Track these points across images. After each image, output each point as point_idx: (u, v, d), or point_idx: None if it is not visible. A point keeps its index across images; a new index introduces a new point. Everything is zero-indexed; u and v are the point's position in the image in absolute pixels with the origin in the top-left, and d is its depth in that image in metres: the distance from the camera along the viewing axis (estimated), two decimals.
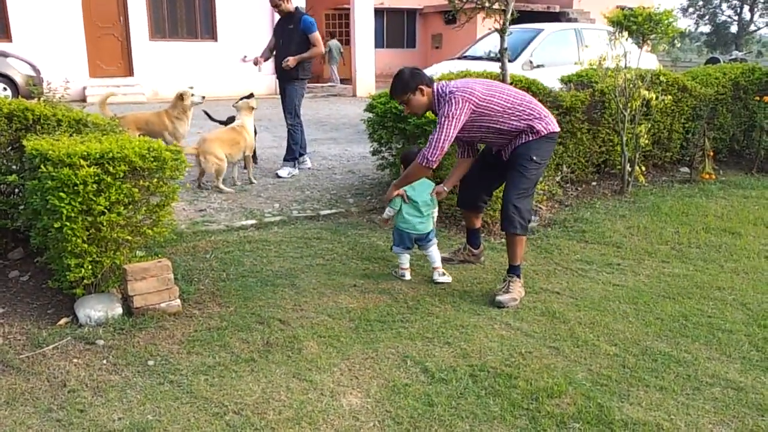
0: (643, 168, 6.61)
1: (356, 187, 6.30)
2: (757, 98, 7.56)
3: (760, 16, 40.62)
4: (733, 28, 41.02)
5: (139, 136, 4.29)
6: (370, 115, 6.01)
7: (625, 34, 6.70)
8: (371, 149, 6.10)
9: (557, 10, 22.68)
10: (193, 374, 2.89)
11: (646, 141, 6.47)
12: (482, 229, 4.79)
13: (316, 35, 6.65)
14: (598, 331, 3.42)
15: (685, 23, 42.67)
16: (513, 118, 3.77)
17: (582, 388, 2.86)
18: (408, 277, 4.07)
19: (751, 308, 3.77)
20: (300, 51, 6.55)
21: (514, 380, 2.91)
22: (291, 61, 6.49)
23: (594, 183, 6.58)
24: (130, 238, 3.54)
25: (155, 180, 3.56)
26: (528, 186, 3.84)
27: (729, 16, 41.92)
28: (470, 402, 2.74)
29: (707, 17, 42.79)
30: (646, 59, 12.68)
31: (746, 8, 40.08)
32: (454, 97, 3.67)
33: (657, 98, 6.36)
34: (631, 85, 6.19)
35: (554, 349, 3.23)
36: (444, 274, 4.08)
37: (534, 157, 3.79)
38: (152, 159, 3.50)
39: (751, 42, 39.86)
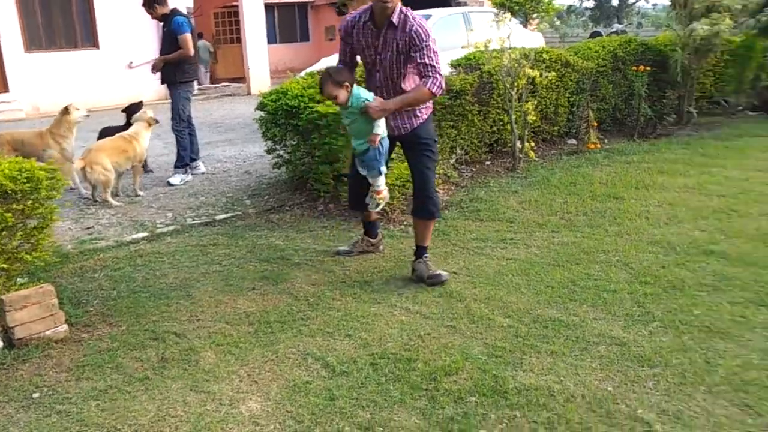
0: (533, 143, 6.86)
1: (253, 188, 6.20)
2: (634, 68, 7.99)
3: None
4: (615, 2, 43.07)
5: (15, 156, 4.04)
6: (262, 113, 5.94)
7: (508, 14, 6.93)
8: (266, 148, 6.03)
9: None
10: (83, 401, 2.76)
11: (534, 117, 6.71)
12: (381, 218, 4.84)
13: (185, 36, 6.44)
14: (492, 306, 3.53)
15: (569, 0, 44.35)
16: None
17: (478, 362, 2.95)
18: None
19: (634, 267, 3.99)
20: (172, 53, 6.42)
21: (414, 363, 2.96)
22: (156, 61, 6.44)
23: (488, 162, 6.77)
24: (6, 266, 3.36)
25: (30, 202, 3.40)
26: (434, 168, 3.93)
27: None
28: (371, 390, 2.76)
29: None
30: (532, 38, 13.13)
31: None
32: (425, 28, 3.63)
33: (541, 75, 6.60)
34: (516, 65, 6.38)
35: (451, 327, 3.31)
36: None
37: (435, 139, 3.92)
38: (24, 180, 3.35)
39: (631, 14, 41.97)
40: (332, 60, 9.57)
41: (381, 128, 3.66)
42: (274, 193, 5.94)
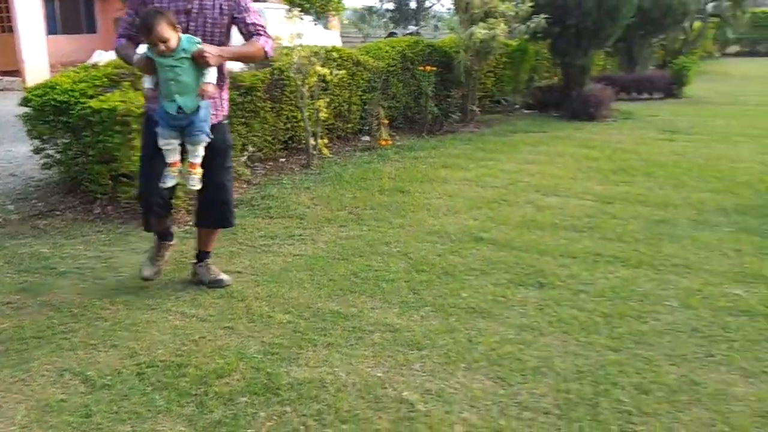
0: (327, 140, 6.95)
1: (18, 192, 5.57)
2: (422, 68, 8.43)
3: None
4: (413, 5, 45.39)
5: None
6: (27, 109, 5.36)
7: (298, 12, 6.95)
8: (33, 147, 5.45)
9: None
10: None
11: (326, 115, 6.81)
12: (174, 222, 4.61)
13: None
14: (273, 303, 3.50)
15: (372, 1, 45.84)
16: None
17: (253, 361, 2.89)
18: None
19: (412, 257, 4.18)
20: None
21: (184, 369, 2.83)
22: None
23: (282, 159, 6.74)
24: None
25: None
26: (232, 178, 3.76)
27: None
28: (134, 402, 2.59)
29: None
30: (328, 36, 13.34)
31: None
32: None
33: (332, 73, 6.70)
34: (307, 62, 6.41)
35: (229, 329, 3.21)
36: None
37: (231, 144, 3.72)
38: None
39: (428, 17, 44.49)
40: (110, 55, 8.92)
41: (212, 76, 3.26)
42: (43, 196, 5.38)
